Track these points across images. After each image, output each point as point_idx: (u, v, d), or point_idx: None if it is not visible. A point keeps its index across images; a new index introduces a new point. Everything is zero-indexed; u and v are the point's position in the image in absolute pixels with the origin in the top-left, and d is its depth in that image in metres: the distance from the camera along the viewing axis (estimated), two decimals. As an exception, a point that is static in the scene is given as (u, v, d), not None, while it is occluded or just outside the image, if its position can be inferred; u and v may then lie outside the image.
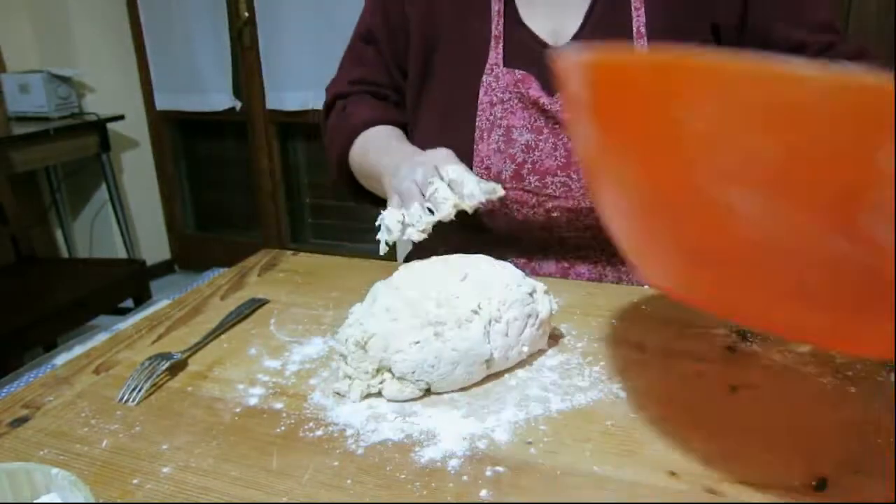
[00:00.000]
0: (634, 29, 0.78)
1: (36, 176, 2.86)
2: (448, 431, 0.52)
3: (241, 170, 3.06)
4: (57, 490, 0.41)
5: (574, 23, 0.82)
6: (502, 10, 0.84)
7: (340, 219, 2.99)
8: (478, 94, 0.83)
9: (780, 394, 0.56)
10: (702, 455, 0.49)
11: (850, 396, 0.55)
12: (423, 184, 0.71)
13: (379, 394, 0.58)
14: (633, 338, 0.66)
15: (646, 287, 0.79)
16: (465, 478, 0.47)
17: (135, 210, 3.06)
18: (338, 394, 0.58)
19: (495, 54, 0.83)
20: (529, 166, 0.81)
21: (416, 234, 0.69)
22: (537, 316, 0.62)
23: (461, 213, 0.72)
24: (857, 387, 0.56)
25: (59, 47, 2.78)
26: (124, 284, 2.15)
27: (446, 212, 0.69)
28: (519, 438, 0.51)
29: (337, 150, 0.92)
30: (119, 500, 0.46)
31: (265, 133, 2.87)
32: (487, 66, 0.83)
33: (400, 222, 0.70)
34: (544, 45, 0.82)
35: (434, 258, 0.67)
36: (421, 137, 0.89)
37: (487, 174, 0.83)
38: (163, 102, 3.00)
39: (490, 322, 0.59)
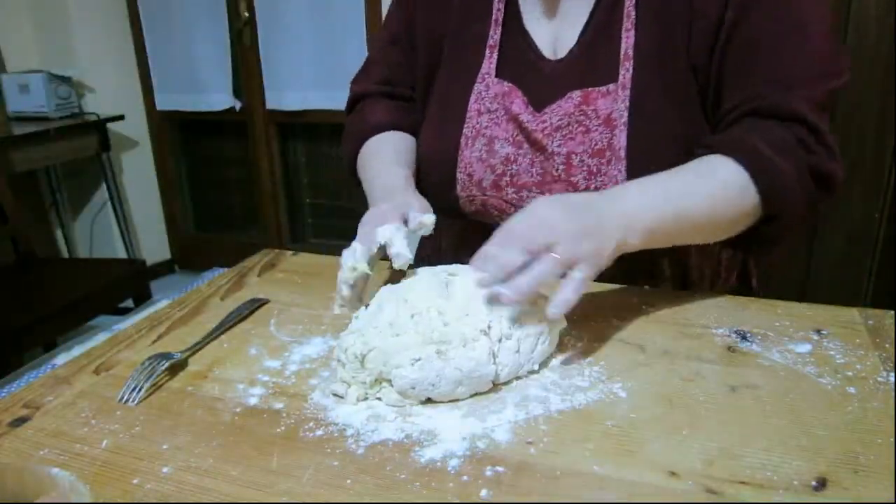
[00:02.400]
0: (622, 51, 0.76)
1: (36, 176, 2.86)
2: (448, 431, 0.52)
3: (241, 170, 3.06)
4: (57, 490, 0.41)
5: (572, 35, 0.80)
6: (501, 17, 0.83)
7: (340, 219, 2.99)
8: (469, 100, 0.83)
9: (780, 394, 0.56)
10: (702, 455, 0.49)
11: (850, 396, 0.55)
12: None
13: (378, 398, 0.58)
14: (633, 338, 0.66)
15: (646, 287, 0.79)
16: (465, 478, 0.47)
17: (135, 210, 3.05)
18: (336, 394, 0.58)
19: (488, 63, 0.83)
20: (508, 178, 0.81)
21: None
22: (548, 331, 0.62)
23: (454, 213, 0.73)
24: (857, 387, 0.56)
25: (59, 47, 2.78)
26: (124, 284, 2.14)
27: (349, 276, 0.67)
28: (519, 438, 0.51)
29: (348, 151, 0.93)
30: (119, 500, 0.46)
31: (265, 133, 2.87)
32: (480, 74, 0.83)
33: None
34: (540, 57, 0.81)
35: (446, 266, 0.66)
36: (422, 138, 0.90)
37: (469, 181, 0.83)
38: (163, 102, 3.00)
39: (500, 340, 0.58)
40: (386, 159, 0.86)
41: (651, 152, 0.74)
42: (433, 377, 0.55)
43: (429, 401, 0.57)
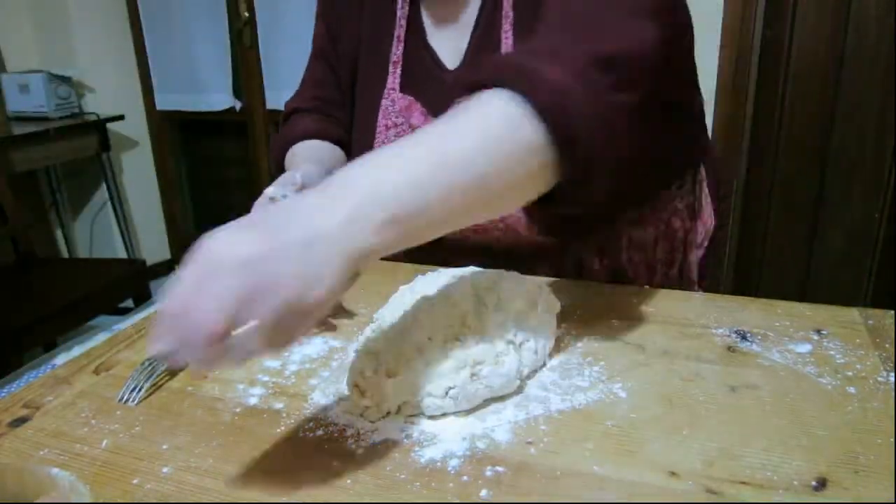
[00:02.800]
0: (503, 52, 0.77)
1: (36, 176, 2.86)
2: (448, 431, 0.52)
3: (241, 170, 3.06)
4: (57, 490, 0.41)
5: (465, 43, 0.81)
6: (403, 34, 0.84)
7: (340, 219, 3.00)
8: (377, 116, 0.85)
9: (780, 394, 0.56)
10: (702, 455, 0.49)
11: (850, 396, 0.55)
12: None
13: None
14: (633, 338, 0.66)
15: (646, 287, 0.79)
16: (465, 478, 0.47)
17: (135, 210, 3.05)
18: (342, 399, 0.58)
19: (392, 79, 0.84)
20: None
21: None
22: (553, 323, 0.63)
23: None
24: (857, 387, 0.56)
25: (59, 47, 2.78)
26: (124, 284, 2.14)
27: None
28: (519, 438, 0.51)
29: (274, 160, 0.92)
30: (119, 500, 0.46)
31: (265, 133, 2.87)
32: (385, 90, 0.85)
33: None
34: (443, 69, 0.83)
35: (447, 270, 0.66)
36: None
37: None
38: (163, 102, 3.00)
39: (522, 344, 0.58)
40: (303, 159, 0.85)
41: None
42: (465, 402, 0.54)
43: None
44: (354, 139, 0.91)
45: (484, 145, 0.47)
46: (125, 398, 0.58)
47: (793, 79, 1.92)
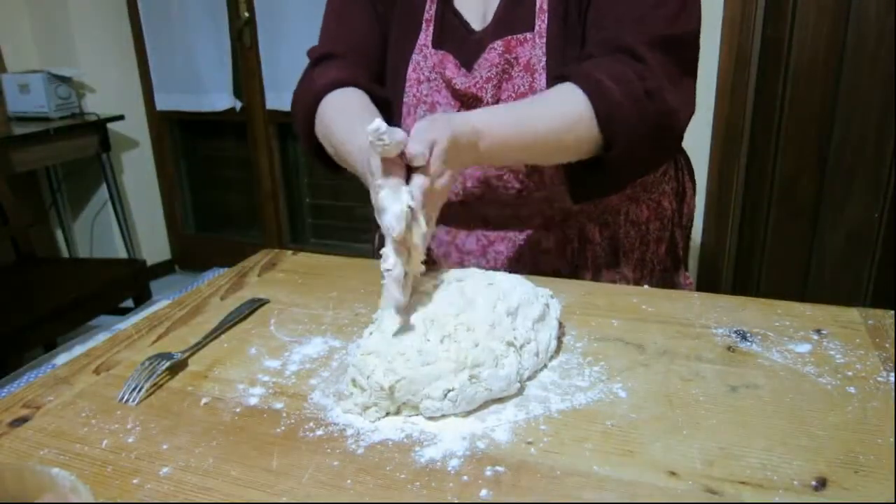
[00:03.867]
0: (538, 5, 0.82)
1: (36, 176, 2.85)
2: (448, 431, 0.52)
3: (241, 170, 3.06)
4: (57, 490, 0.41)
5: (495, 4, 0.85)
6: None
7: (340, 219, 2.99)
8: (407, 70, 0.88)
9: (780, 394, 0.56)
10: (702, 455, 0.49)
11: (850, 396, 0.55)
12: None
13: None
14: (633, 338, 0.66)
15: (645, 287, 0.79)
16: (465, 478, 0.47)
17: (135, 210, 3.05)
18: (339, 398, 0.58)
19: (425, 35, 0.87)
20: None
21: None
22: (557, 326, 0.64)
23: None
24: (857, 386, 0.56)
25: (59, 47, 2.78)
26: (124, 284, 2.14)
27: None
28: (519, 438, 0.51)
29: (301, 117, 0.89)
30: (119, 500, 0.46)
31: (265, 133, 2.87)
32: (417, 45, 0.88)
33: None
34: (470, 31, 0.87)
35: (453, 272, 0.66)
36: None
37: None
38: (163, 102, 3.00)
39: (523, 346, 0.58)
40: (357, 109, 0.83)
41: None
42: (464, 404, 0.54)
43: None
44: (387, 89, 0.91)
45: (553, 115, 0.73)
46: (125, 398, 0.58)
47: (792, 79, 1.92)
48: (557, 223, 0.89)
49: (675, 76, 0.76)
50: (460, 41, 0.87)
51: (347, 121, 0.80)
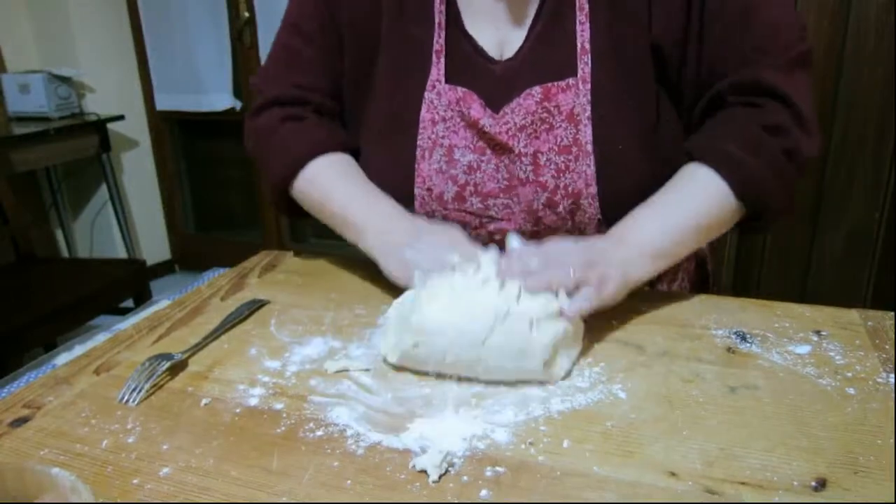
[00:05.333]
0: (579, 45, 0.75)
1: (36, 176, 2.86)
2: (448, 432, 0.52)
3: (241, 170, 3.06)
4: (57, 490, 0.41)
5: (519, 34, 0.78)
6: (444, 21, 0.79)
7: (340, 219, 2.99)
8: (420, 110, 0.79)
9: (779, 394, 0.56)
10: (702, 455, 0.49)
11: (850, 397, 0.55)
12: (444, 264, 0.66)
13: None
14: (633, 338, 0.67)
15: (645, 288, 0.79)
16: (465, 478, 0.47)
17: (135, 210, 3.05)
18: (342, 399, 0.58)
19: (437, 70, 0.78)
20: (472, 188, 0.78)
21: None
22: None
23: None
24: (857, 387, 0.56)
25: (59, 47, 2.78)
26: (124, 284, 2.14)
27: None
28: (519, 439, 0.51)
29: (275, 177, 0.83)
30: (119, 500, 0.46)
31: (265, 133, 2.87)
32: (429, 81, 0.79)
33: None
34: (488, 59, 0.79)
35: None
36: (369, 154, 0.85)
37: (430, 195, 0.80)
38: (163, 102, 3.00)
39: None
40: (356, 183, 0.80)
41: (617, 144, 0.75)
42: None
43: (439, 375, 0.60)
44: (384, 135, 0.83)
45: (707, 210, 0.72)
46: (125, 398, 0.58)
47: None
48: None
49: (808, 101, 0.73)
50: (479, 75, 0.78)
51: (349, 192, 0.80)
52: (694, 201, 0.72)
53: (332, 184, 0.81)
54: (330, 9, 0.84)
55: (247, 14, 2.68)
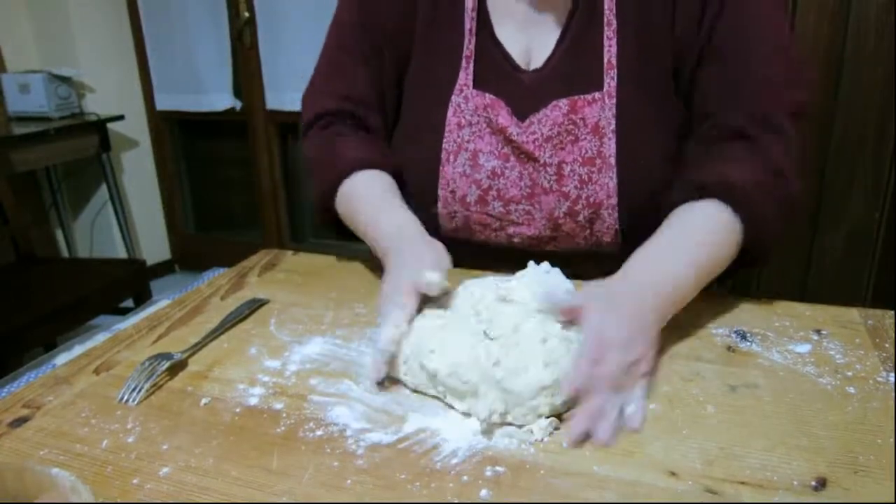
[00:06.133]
0: (605, 59, 0.76)
1: (36, 176, 2.85)
2: (448, 431, 0.52)
3: (241, 170, 3.06)
4: (57, 490, 0.41)
5: (547, 44, 0.80)
6: (474, 28, 0.81)
7: (340, 219, 2.99)
8: (446, 113, 0.81)
9: (779, 393, 0.56)
10: (702, 454, 0.49)
11: (850, 396, 0.55)
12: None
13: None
14: (633, 338, 0.66)
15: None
16: (465, 478, 0.47)
17: (135, 210, 3.05)
18: (342, 399, 0.58)
19: (465, 74, 0.80)
20: (494, 193, 0.80)
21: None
22: None
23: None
24: (857, 386, 0.56)
25: (59, 47, 2.78)
26: (124, 284, 2.14)
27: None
28: (519, 439, 0.51)
29: (320, 191, 0.84)
30: (119, 500, 0.46)
31: (265, 133, 2.87)
32: (457, 86, 0.81)
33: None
34: (516, 68, 0.80)
35: (494, 279, 0.65)
36: (396, 154, 0.86)
37: (452, 197, 0.81)
38: (163, 102, 3.00)
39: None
40: (383, 198, 0.80)
41: (639, 158, 0.76)
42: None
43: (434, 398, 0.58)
44: (411, 137, 0.85)
45: (713, 248, 0.68)
46: (125, 398, 0.58)
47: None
48: (605, 259, 0.78)
49: (799, 147, 0.73)
50: (506, 82, 0.80)
51: (374, 209, 0.78)
52: (708, 239, 0.69)
53: (358, 205, 0.80)
54: (369, 19, 0.85)
55: (247, 14, 2.68)
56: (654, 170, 0.77)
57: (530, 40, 0.81)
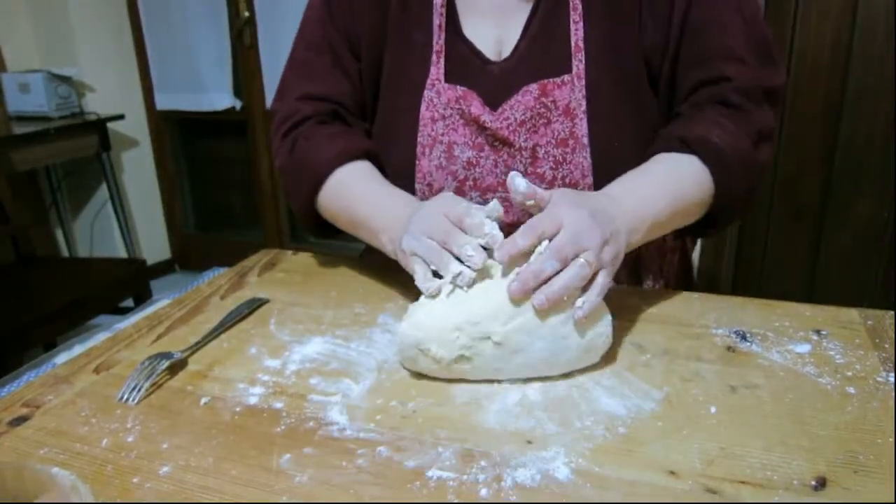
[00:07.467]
0: (573, 42, 0.77)
1: (36, 176, 2.85)
2: (448, 431, 0.52)
3: (241, 170, 3.06)
4: (57, 490, 0.41)
5: (515, 34, 0.81)
6: (444, 23, 0.82)
7: (340, 219, 2.99)
8: (419, 108, 0.81)
9: (779, 394, 0.56)
10: (701, 455, 0.49)
11: (850, 396, 0.55)
12: (443, 240, 0.63)
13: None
14: (634, 337, 0.67)
15: (646, 287, 0.79)
16: (465, 477, 0.47)
17: (135, 210, 3.05)
18: (342, 398, 0.58)
19: (436, 70, 0.81)
20: (471, 183, 0.81)
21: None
22: None
23: None
24: (857, 386, 0.56)
25: (59, 47, 2.78)
26: (124, 284, 2.14)
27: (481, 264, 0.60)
28: (519, 439, 0.51)
29: (299, 199, 0.83)
30: (119, 500, 0.46)
31: (265, 133, 2.87)
32: (429, 81, 0.81)
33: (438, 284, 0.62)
34: (486, 61, 0.81)
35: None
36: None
37: (430, 190, 0.82)
38: (163, 102, 3.00)
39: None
40: (371, 186, 0.79)
41: (611, 138, 0.78)
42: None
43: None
44: (386, 133, 0.86)
45: (687, 186, 0.73)
46: (125, 397, 0.58)
47: (798, 76, 1.92)
48: None
49: (773, 128, 0.78)
50: (477, 75, 0.81)
51: (372, 198, 0.78)
52: (684, 181, 0.73)
53: (347, 198, 0.80)
54: (342, 20, 0.86)
55: (247, 14, 2.68)
56: (628, 150, 0.78)
57: (500, 32, 0.82)
